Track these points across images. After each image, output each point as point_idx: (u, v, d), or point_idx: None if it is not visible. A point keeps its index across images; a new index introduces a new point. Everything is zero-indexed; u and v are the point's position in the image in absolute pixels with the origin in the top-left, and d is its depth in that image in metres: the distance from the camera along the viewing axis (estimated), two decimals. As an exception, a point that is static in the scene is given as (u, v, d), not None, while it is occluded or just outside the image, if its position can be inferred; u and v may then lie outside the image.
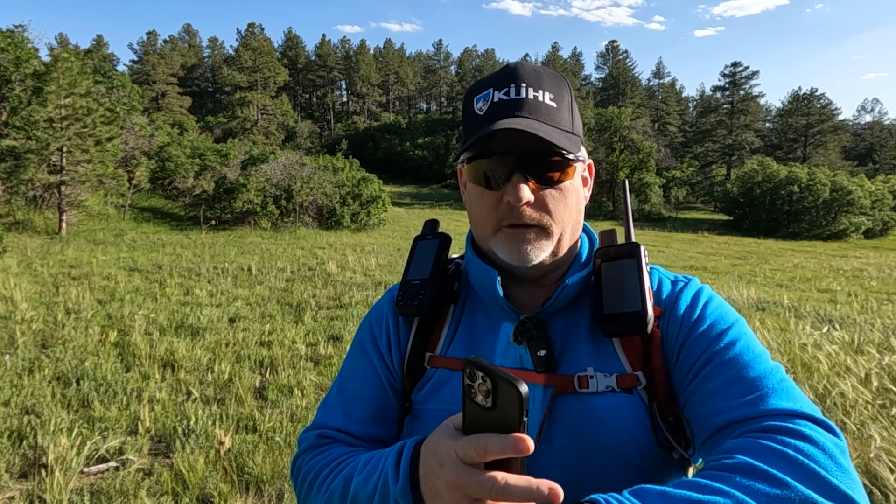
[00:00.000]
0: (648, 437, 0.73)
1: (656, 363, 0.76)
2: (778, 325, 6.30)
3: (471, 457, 0.52)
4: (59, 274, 10.46)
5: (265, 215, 23.28)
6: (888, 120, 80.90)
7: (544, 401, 0.75)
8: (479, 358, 0.50)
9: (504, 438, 0.49)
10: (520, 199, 0.73)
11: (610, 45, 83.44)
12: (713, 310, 0.78)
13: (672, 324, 0.78)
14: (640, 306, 0.74)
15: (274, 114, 65.59)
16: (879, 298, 10.22)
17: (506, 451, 0.49)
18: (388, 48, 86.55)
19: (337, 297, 8.61)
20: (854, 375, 3.90)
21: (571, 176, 0.78)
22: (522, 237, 0.76)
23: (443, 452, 0.56)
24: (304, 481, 0.80)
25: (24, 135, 18.92)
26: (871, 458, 2.74)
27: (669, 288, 0.83)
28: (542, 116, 0.75)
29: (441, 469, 0.55)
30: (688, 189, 53.72)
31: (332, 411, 0.87)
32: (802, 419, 0.62)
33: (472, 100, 0.80)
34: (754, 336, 0.76)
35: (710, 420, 0.68)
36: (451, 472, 0.54)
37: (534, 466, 0.73)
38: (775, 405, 0.64)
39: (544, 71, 0.79)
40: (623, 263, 0.80)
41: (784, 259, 21.36)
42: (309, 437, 0.85)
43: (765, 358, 0.72)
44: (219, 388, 4.59)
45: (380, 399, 0.86)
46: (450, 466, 0.54)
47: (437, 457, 0.56)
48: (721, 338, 0.74)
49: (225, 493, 2.99)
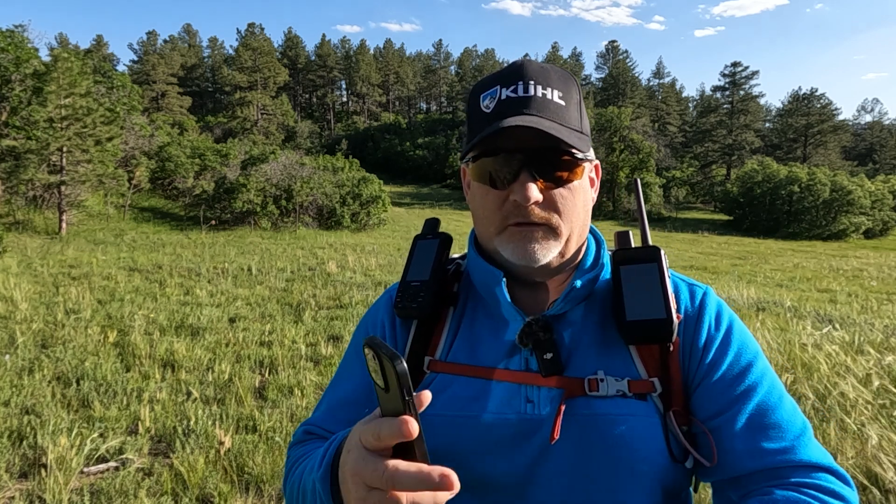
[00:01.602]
0: (660, 446, 0.71)
1: (673, 371, 0.75)
2: (778, 325, 6.30)
3: (370, 443, 0.50)
4: (59, 274, 10.45)
5: (265, 215, 23.29)
6: (888, 120, 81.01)
7: (553, 404, 0.73)
8: (375, 337, 0.48)
9: (392, 422, 0.47)
10: (528, 198, 0.71)
11: (610, 45, 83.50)
12: (737, 338, 0.78)
13: (695, 341, 0.77)
14: (665, 314, 0.73)
15: (274, 114, 65.62)
16: (879, 298, 10.23)
17: (394, 436, 0.47)
18: (388, 48, 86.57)
19: (337, 297, 8.61)
20: (854, 375, 3.90)
21: (580, 175, 0.76)
22: (529, 235, 0.74)
23: (352, 439, 0.54)
24: (285, 472, 0.81)
25: (24, 135, 18.92)
26: (870, 458, 2.74)
27: (688, 294, 0.82)
28: (550, 114, 0.73)
29: (347, 455, 0.54)
30: (688, 189, 53.72)
31: (322, 410, 0.87)
32: (833, 475, 0.69)
33: (479, 97, 0.78)
34: (770, 365, 0.78)
35: (742, 461, 0.71)
36: (353, 459, 0.52)
37: (541, 471, 0.72)
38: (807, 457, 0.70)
39: (552, 69, 0.78)
40: (644, 268, 0.78)
41: (784, 259, 21.36)
42: (297, 433, 0.86)
43: (786, 396, 0.75)
44: (219, 388, 4.59)
45: (369, 402, 0.84)
46: (354, 453, 0.52)
47: (348, 444, 0.55)
48: (747, 374, 0.75)
49: (225, 493, 2.98)
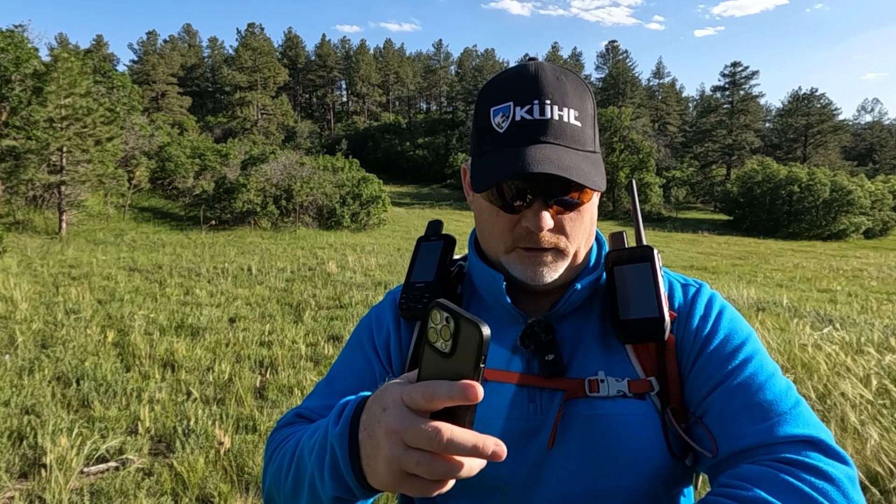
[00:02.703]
0: (660, 446, 0.72)
1: (670, 368, 0.75)
2: (778, 325, 6.30)
3: (417, 402, 0.47)
4: (59, 274, 10.46)
5: (265, 215, 23.29)
6: (888, 120, 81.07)
7: (555, 406, 0.74)
8: (446, 301, 0.47)
9: (452, 384, 0.45)
10: (541, 227, 0.71)
11: (610, 45, 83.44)
12: (727, 322, 0.77)
13: (686, 333, 0.77)
14: (658, 313, 0.73)
15: (274, 114, 65.64)
16: (879, 298, 10.23)
17: (453, 398, 0.45)
18: (388, 48, 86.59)
19: (337, 296, 8.61)
20: (854, 375, 3.91)
21: (590, 198, 0.76)
22: (538, 260, 0.75)
23: (388, 397, 0.51)
24: (267, 451, 0.77)
25: (24, 135, 18.93)
26: (870, 458, 2.74)
27: (681, 292, 0.82)
28: (567, 140, 0.72)
29: (383, 413, 0.51)
30: (688, 189, 53.74)
31: (317, 396, 0.85)
32: (816, 450, 0.63)
33: (489, 110, 0.74)
34: (765, 350, 0.76)
35: (726, 444, 0.68)
36: (392, 417, 0.49)
37: (545, 472, 0.73)
38: (791, 432, 0.64)
39: (567, 79, 0.74)
40: (637, 268, 0.78)
41: (784, 259, 21.36)
42: (287, 415, 0.83)
43: (777, 376, 0.72)
44: (219, 388, 4.59)
45: (368, 391, 0.83)
46: (393, 411, 0.50)
47: (381, 402, 0.52)
48: (735, 355, 0.73)
49: (225, 493, 2.99)
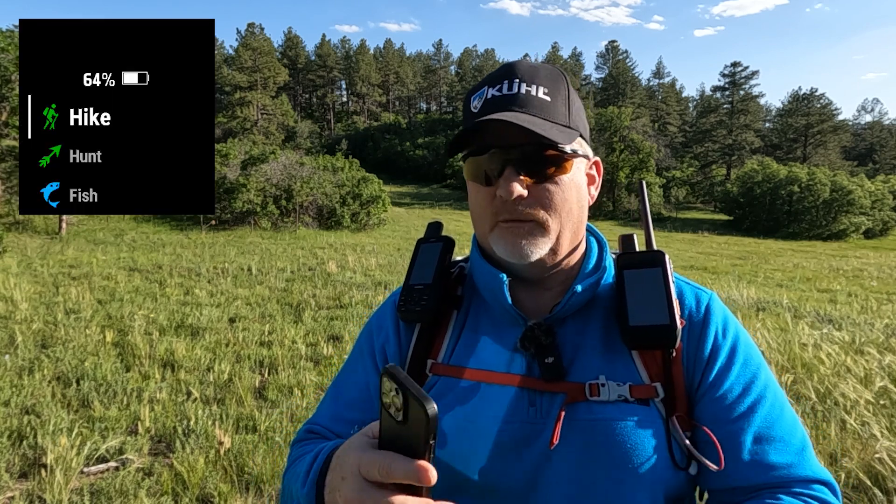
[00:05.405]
0: (662, 452, 0.71)
1: (676, 376, 0.74)
2: (778, 325, 6.30)
3: (373, 476, 0.49)
4: (59, 274, 10.45)
5: (265, 215, 23.29)
6: (888, 120, 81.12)
7: (555, 409, 0.73)
8: (396, 367, 0.48)
9: (409, 464, 0.46)
10: (510, 192, 0.72)
11: (609, 45, 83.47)
12: (742, 349, 0.78)
13: (699, 349, 0.76)
14: (669, 320, 0.72)
15: (274, 114, 65.62)
16: (879, 298, 10.22)
17: (409, 479, 0.47)
18: (388, 48, 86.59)
19: (337, 297, 8.61)
20: (854, 375, 3.90)
21: (568, 170, 0.76)
22: (517, 231, 0.75)
23: (347, 466, 0.53)
24: (284, 469, 0.82)
25: (24, 135, 18.93)
26: (871, 459, 2.74)
27: (693, 300, 0.81)
28: (533, 110, 0.74)
29: (342, 482, 0.53)
30: (688, 189, 53.74)
31: (325, 409, 0.87)
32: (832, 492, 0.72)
33: (470, 99, 0.80)
34: (773, 375, 0.79)
35: (747, 473, 0.72)
36: (350, 489, 0.51)
37: (544, 476, 0.72)
38: (807, 473, 0.72)
39: (542, 67, 0.78)
40: (648, 272, 0.77)
41: (784, 259, 21.36)
42: (300, 431, 0.86)
43: (786, 407, 0.76)
44: (219, 388, 4.59)
45: (372, 403, 0.84)
46: (351, 482, 0.51)
47: (341, 469, 0.54)
48: (752, 387, 0.75)
49: (225, 493, 2.98)
